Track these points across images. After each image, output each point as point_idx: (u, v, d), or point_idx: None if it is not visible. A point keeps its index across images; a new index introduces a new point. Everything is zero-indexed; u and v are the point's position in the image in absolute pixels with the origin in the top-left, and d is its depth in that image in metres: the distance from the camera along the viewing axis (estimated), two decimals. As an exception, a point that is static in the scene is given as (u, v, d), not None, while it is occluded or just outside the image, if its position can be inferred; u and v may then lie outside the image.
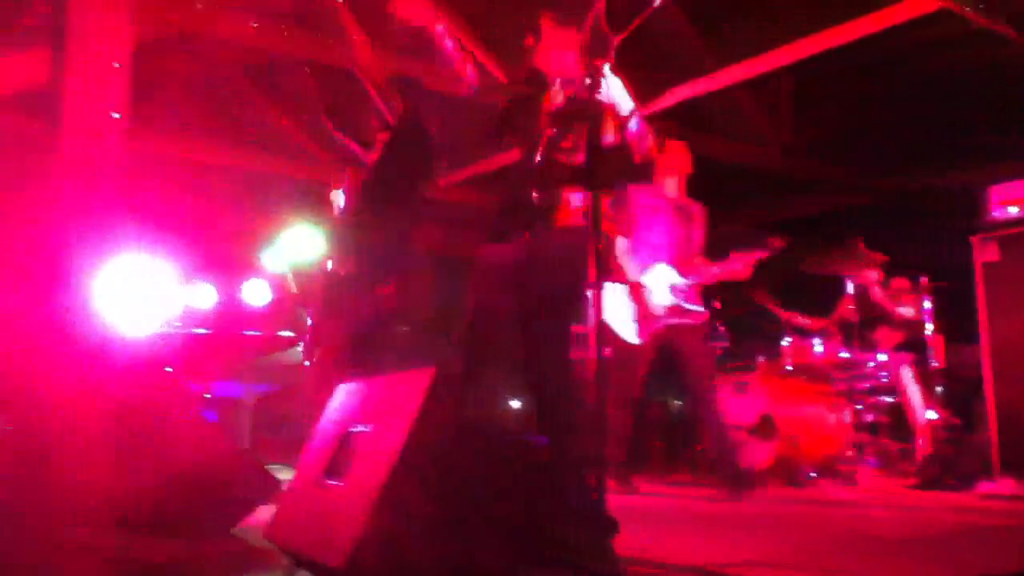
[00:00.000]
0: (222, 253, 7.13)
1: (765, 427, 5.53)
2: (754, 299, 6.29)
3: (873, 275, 6.22)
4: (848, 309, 6.18)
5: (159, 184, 6.19)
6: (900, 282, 6.28)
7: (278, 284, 6.94)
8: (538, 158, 3.21)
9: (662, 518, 4.02)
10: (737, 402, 5.68)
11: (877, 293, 6.25)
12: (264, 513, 3.57)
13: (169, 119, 5.90)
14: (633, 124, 2.90)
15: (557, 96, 3.34)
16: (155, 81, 2.82)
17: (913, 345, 6.06)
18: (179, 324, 6.73)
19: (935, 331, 5.89)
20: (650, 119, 3.25)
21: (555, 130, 3.21)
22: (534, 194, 3.13)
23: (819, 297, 6.48)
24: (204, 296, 6.97)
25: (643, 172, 4.57)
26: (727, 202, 8.00)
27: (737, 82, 6.07)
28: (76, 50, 2.49)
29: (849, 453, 5.62)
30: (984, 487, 4.74)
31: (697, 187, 5.03)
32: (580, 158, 3.12)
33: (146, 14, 3.93)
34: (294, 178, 7.07)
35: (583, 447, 2.99)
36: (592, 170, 3.06)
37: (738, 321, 6.42)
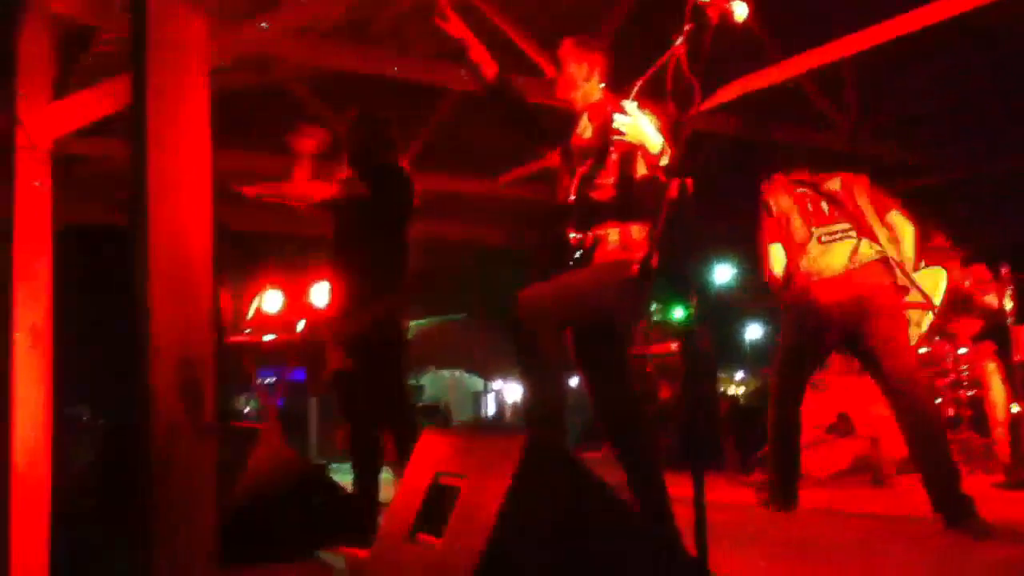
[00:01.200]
0: (289, 262, 7.25)
1: (843, 426, 5.43)
2: None
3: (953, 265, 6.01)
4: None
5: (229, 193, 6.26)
6: (980, 270, 6.07)
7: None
8: (572, 197, 3.20)
9: (746, 535, 3.96)
10: (813, 401, 5.57)
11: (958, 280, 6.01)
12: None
13: (242, 135, 5.96)
14: (664, 160, 2.82)
15: (586, 131, 3.31)
16: (224, 98, 2.83)
17: (994, 335, 5.86)
18: (249, 330, 6.87)
19: (1015, 322, 5.69)
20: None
21: (587, 166, 3.19)
22: (571, 233, 3.13)
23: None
24: (273, 301, 7.09)
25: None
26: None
27: (803, 72, 5.88)
28: (155, 73, 2.48)
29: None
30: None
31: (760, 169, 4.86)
32: (613, 193, 3.15)
33: (221, 38, 3.95)
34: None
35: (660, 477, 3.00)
36: (627, 205, 3.09)
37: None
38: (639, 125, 2.82)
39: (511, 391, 32.88)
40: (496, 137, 7.00)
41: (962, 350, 5.70)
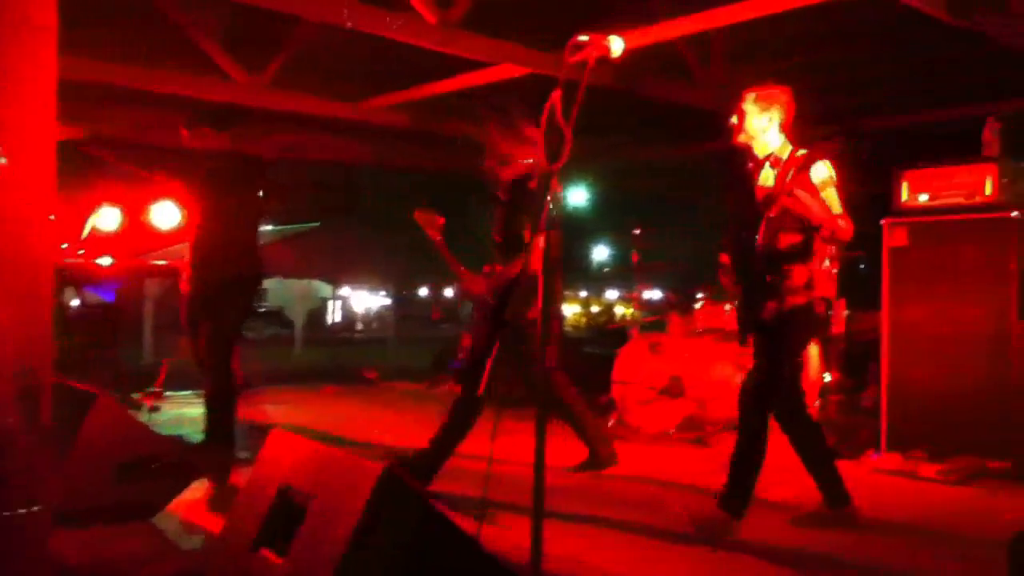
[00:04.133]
0: (129, 178, 6.82)
1: (674, 388, 5.75)
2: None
3: None
4: None
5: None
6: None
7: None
8: (760, 241, 3.57)
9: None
10: (650, 363, 5.87)
11: None
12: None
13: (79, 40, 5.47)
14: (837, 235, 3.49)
15: (768, 179, 3.67)
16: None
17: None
18: (83, 251, 6.48)
19: (836, 296, 6.11)
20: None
21: (774, 212, 3.54)
22: (767, 277, 3.56)
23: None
24: (110, 219, 6.69)
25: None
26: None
27: (682, 35, 5.90)
28: None
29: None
30: (872, 460, 5.08)
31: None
32: (796, 237, 3.58)
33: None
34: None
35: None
36: (808, 246, 3.58)
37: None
38: (806, 202, 3.37)
39: (358, 299, 32.65)
40: (356, 62, 6.78)
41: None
